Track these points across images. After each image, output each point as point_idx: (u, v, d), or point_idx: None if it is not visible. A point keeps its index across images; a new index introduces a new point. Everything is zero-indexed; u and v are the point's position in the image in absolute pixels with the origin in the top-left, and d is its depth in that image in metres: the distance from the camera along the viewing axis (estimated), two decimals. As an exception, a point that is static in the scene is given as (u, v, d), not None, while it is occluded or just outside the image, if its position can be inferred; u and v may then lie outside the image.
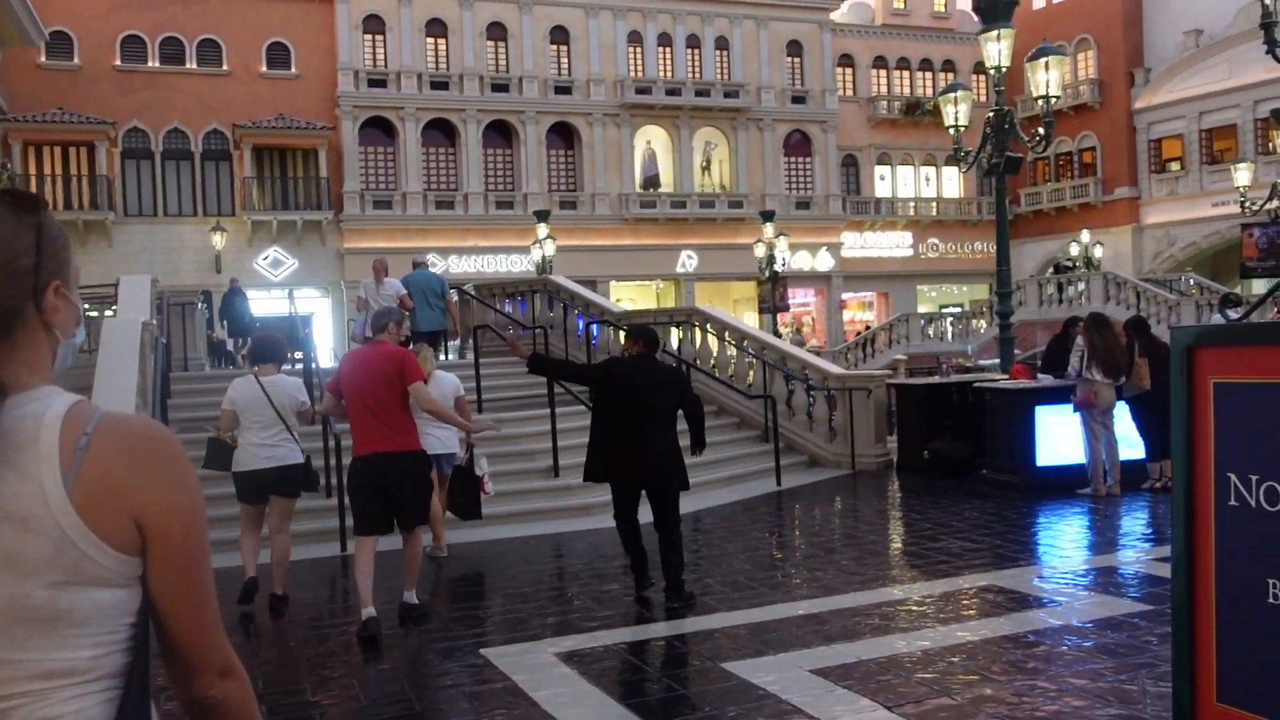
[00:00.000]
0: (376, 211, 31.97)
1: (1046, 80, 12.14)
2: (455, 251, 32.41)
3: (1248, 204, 22.72)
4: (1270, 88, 32.00)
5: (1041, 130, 12.35)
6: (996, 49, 12.18)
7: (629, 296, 35.03)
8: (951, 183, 40.90)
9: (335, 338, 29.47)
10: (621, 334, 14.30)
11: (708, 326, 14.11)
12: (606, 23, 34.66)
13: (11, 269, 1.29)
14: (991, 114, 12.52)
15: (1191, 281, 31.49)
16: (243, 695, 1.39)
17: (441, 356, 15.54)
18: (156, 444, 1.30)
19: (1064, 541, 8.28)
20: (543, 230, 26.58)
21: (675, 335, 14.52)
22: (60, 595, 1.23)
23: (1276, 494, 2.32)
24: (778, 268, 27.60)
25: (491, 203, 33.45)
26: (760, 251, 27.77)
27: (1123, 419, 10.03)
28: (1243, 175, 24.36)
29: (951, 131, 13.12)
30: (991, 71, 12.45)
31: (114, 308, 11.49)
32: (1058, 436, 10.29)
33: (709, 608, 6.32)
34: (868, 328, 35.43)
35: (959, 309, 35.56)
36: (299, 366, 11.84)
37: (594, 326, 14.85)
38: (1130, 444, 10.12)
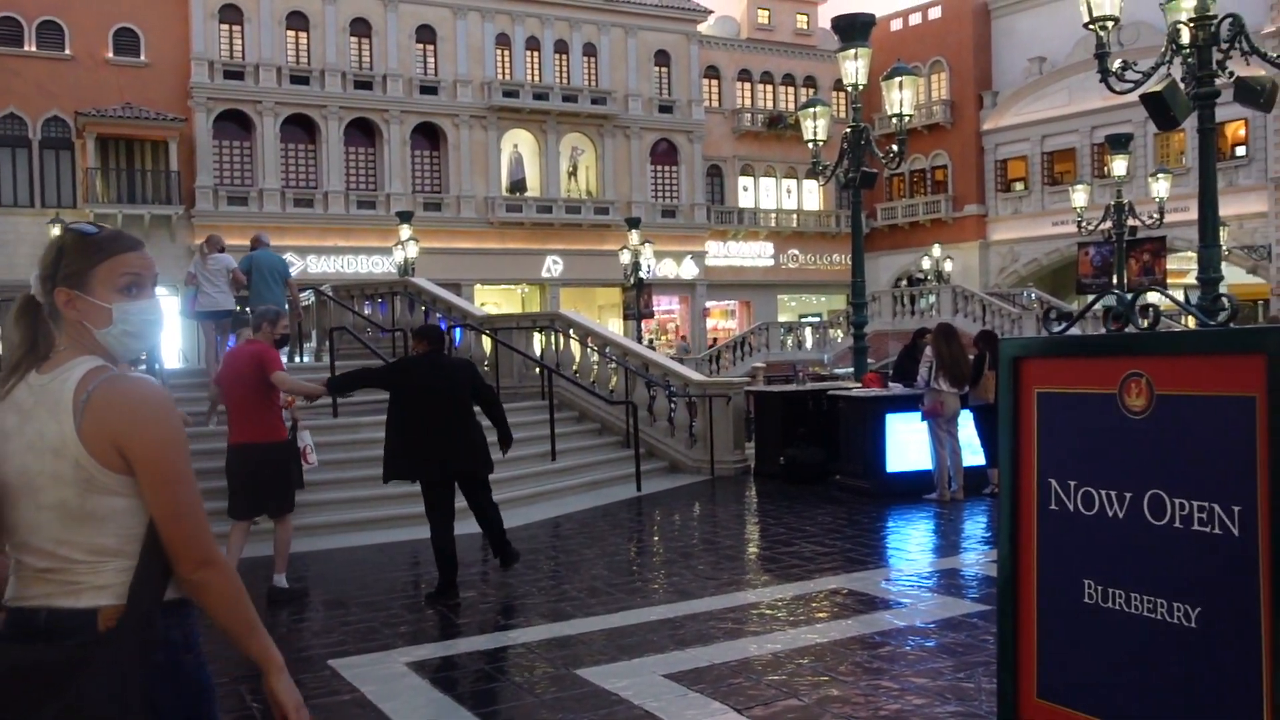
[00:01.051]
0: (231, 208, 30.86)
1: (900, 99, 12.57)
2: (314, 251, 31.57)
3: (1084, 224, 24.02)
4: (1106, 114, 33.96)
5: (896, 147, 12.80)
6: (854, 67, 12.57)
7: (493, 300, 34.75)
8: (812, 195, 42.00)
9: (185, 339, 28.25)
10: (479, 332, 14.17)
11: (570, 332, 14.10)
12: (474, 24, 34.34)
13: (42, 278, 1.94)
14: (849, 130, 12.91)
15: (1033, 296, 33.09)
16: (222, 580, 1.90)
17: (296, 359, 15.11)
18: (135, 396, 1.86)
19: (910, 545, 8.57)
20: (405, 232, 26.11)
21: (538, 340, 14.46)
22: (86, 499, 1.83)
23: (1092, 499, 2.45)
24: (643, 275, 27.81)
25: (353, 202, 32.71)
26: (625, 258, 27.93)
27: (966, 426, 10.45)
28: (1080, 197, 25.73)
29: (810, 145, 13.46)
30: (849, 89, 12.84)
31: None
32: (906, 443, 10.65)
33: (565, 614, 6.30)
34: (729, 335, 36.04)
35: (817, 318, 36.54)
36: (143, 367, 11.31)
37: (457, 330, 14.66)
38: (973, 451, 10.55)
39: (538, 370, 13.40)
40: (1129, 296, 2.45)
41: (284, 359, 8.30)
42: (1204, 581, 2.22)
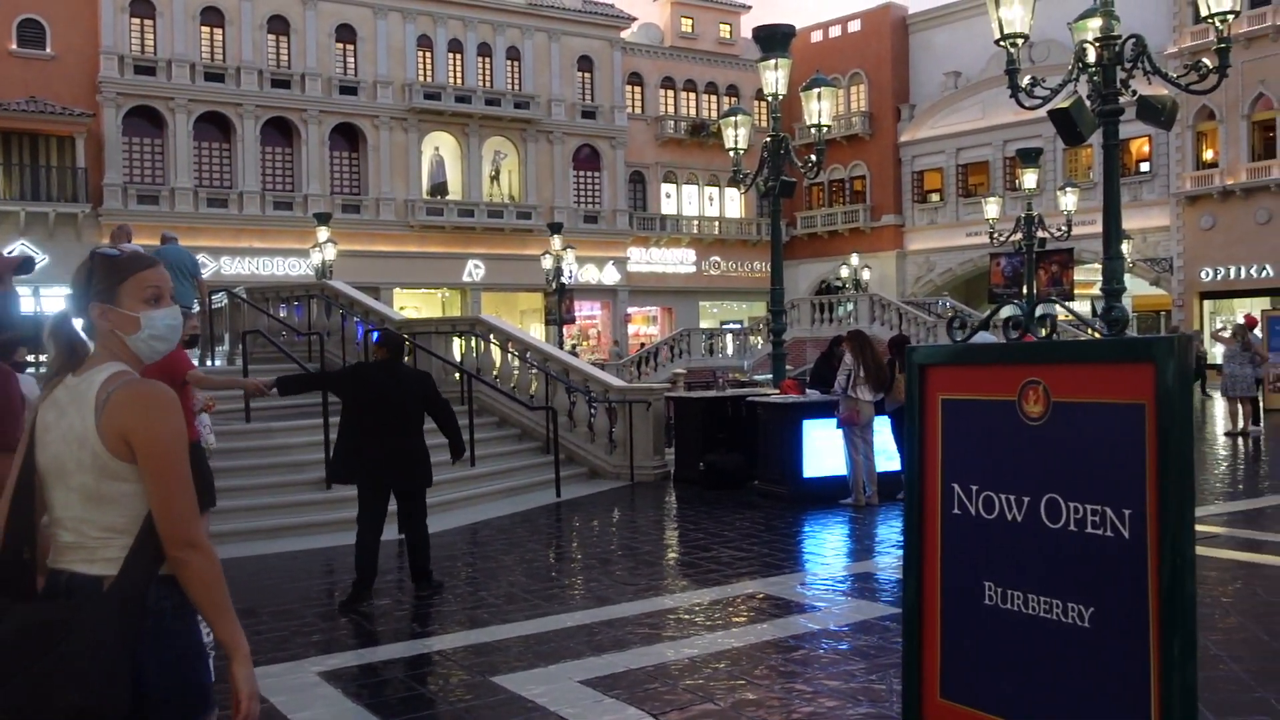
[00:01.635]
0: (141, 206, 30.04)
1: (819, 110, 12.77)
2: (228, 252, 30.90)
3: (996, 235, 24.67)
4: (1018, 129, 34.91)
5: (814, 157, 12.99)
6: (774, 77, 12.72)
7: (414, 304, 34.38)
8: (734, 203, 42.41)
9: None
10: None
11: (491, 337, 14.01)
12: (395, 24, 33.97)
13: (75, 292, 2.29)
14: (769, 139, 13.07)
15: (948, 305, 33.86)
16: (206, 565, 2.16)
17: (209, 362, 14.77)
18: (145, 397, 2.16)
19: (826, 549, 8.69)
20: (323, 234, 25.73)
21: (458, 345, 14.33)
22: (101, 484, 2.14)
23: (993, 503, 2.52)
24: (565, 280, 27.78)
25: (269, 203, 32.10)
26: (548, 263, 27.87)
27: (881, 432, 10.63)
28: (992, 209, 26.45)
29: (731, 154, 13.59)
30: (769, 99, 13.00)
31: None
32: (823, 449, 10.79)
33: (482, 621, 6.26)
34: (651, 341, 36.16)
35: (738, 325, 36.87)
36: (44, 370, 10.92)
37: (375, 334, 14.42)
38: (888, 456, 10.73)
39: (458, 375, 13.29)
40: (1029, 306, 2.53)
41: (194, 360, 8.12)
42: (1096, 583, 2.30)
